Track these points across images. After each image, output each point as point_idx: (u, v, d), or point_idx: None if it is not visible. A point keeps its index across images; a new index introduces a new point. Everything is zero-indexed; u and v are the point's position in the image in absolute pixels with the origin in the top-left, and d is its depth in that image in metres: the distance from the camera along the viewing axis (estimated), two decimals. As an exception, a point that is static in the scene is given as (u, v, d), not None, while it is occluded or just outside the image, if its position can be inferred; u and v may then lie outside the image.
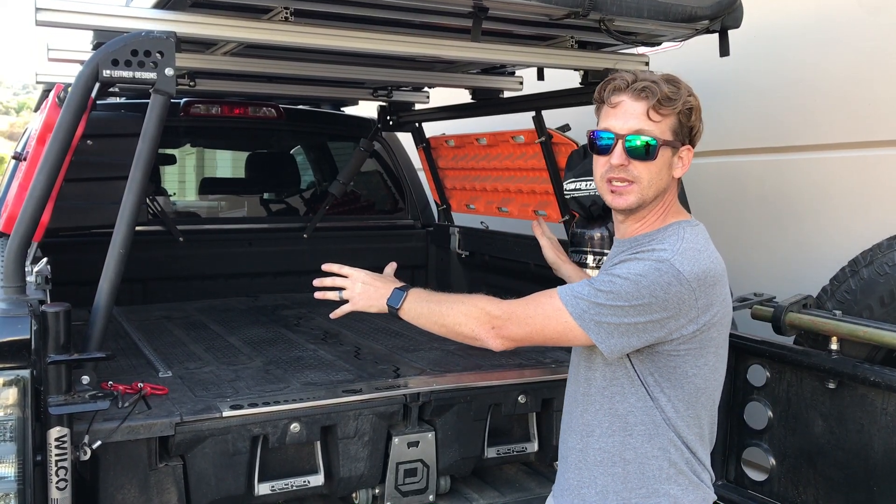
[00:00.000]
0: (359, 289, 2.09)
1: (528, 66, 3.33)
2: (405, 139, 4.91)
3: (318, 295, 2.16)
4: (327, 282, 2.14)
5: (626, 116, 1.84)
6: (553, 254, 2.55)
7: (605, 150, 1.87)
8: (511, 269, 4.13)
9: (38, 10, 2.17)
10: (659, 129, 1.84)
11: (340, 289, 2.12)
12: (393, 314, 2.03)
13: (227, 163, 6.35)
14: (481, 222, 4.47)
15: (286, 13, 2.45)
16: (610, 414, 1.92)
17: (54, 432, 1.98)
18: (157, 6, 2.30)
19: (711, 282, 1.82)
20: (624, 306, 1.77)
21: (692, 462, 1.92)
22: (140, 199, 2.25)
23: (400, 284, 2.07)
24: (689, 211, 3.03)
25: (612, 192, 1.89)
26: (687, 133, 1.89)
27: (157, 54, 2.20)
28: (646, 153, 1.84)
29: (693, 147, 1.93)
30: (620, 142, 1.84)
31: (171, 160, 5.19)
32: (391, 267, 2.23)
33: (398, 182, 4.97)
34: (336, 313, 2.15)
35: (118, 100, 4.33)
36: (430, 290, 2.06)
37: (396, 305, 2.02)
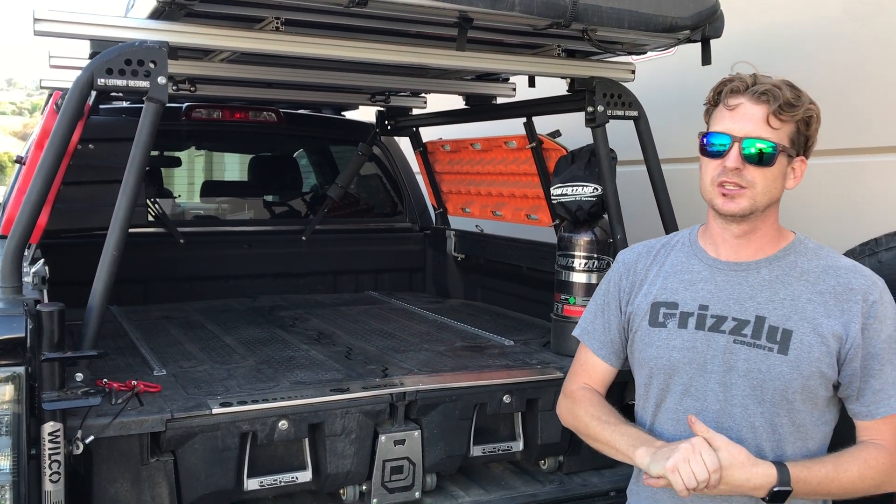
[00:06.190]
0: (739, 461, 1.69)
1: (515, 73, 3.40)
2: (404, 143, 4.99)
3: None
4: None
5: (745, 120, 1.75)
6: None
7: (719, 154, 1.77)
8: (505, 272, 4.20)
9: (36, 20, 2.25)
10: (777, 135, 1.75)
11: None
12: (780, 497, 1.69)
13: (228, 166, 6.45)
14: (476, 226, 4.54)
15: (277, 23, 2.52)
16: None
17: (48, 427, 2.05)
18: (151, 16, 2.38)
19: None
20: None
21: None
22: (132, 203, 2.33)
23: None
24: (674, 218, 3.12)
25: (724, 195, 1.78)
26: (803, 143, 1.80)
27: (151, 63, 2.28)
28: (764, 159, 1.74)
29: (807, 159, 1.83)
30: (737, 145, 1.75)
31: (176, 163, 5.28)
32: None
33: (397, 186, 5.05)
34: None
35: (124, 104, 4.42)
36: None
37: (788, 481, 1.69)
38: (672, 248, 2.01)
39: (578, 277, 3.11)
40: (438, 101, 4.59)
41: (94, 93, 2.38)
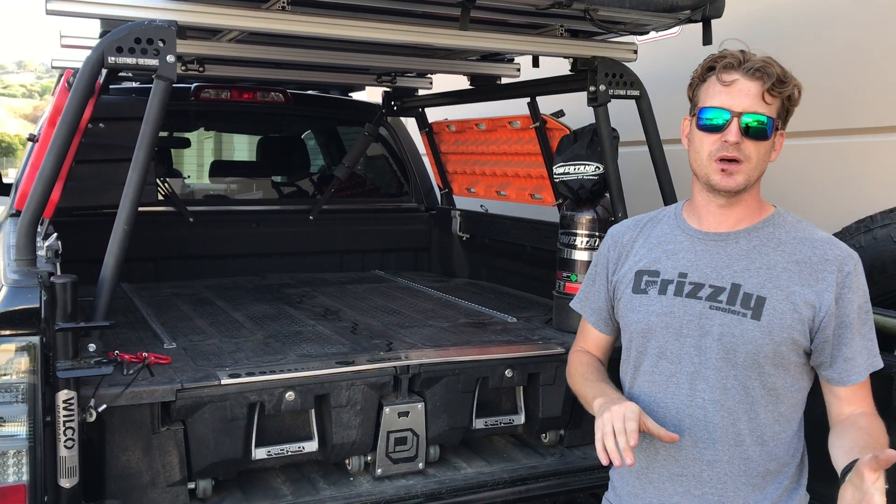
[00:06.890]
0: None
1: (518, 53, 3.43)
2: (410, 124, 5.04)
3: None
4: None
5: (742, 95, 1.80)
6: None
7: (718, 128, 1.81)
8: (509, 251, 4.25)
9: (48, -1, 2.31)
10: (770, 110, 1.81)
11: None
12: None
13: (237, 146, 6.50)
14: (481, 206, 4.59)
15: (284, 3, 2.57)
16: (773, 419, 1.87)
17: (62, 395, 2.12)
18: (161, -5, 2.43)
19: None
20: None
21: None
22: (142, 179, 2.38)
23: None
24: (675, 197, 3.16)
25: (723, 171, 1.83)
26: (784, 117, 1.87)
27: (160, 42, 2.33)
28: (761, 133, 1.80)
29: (784, 132, 1.90)
30: (736, 119, 1.79)
31: (185, 143, 5.34)
32: None
33: (403, 166, 5.09)
34: None
35: (134, 84, 4.48)
36: None
37: None
38: (659, 222, 2.08)
39: (580, 255, 3.16)
40: (444, 82, 4.63)
41: (104, 71, 2.43)
